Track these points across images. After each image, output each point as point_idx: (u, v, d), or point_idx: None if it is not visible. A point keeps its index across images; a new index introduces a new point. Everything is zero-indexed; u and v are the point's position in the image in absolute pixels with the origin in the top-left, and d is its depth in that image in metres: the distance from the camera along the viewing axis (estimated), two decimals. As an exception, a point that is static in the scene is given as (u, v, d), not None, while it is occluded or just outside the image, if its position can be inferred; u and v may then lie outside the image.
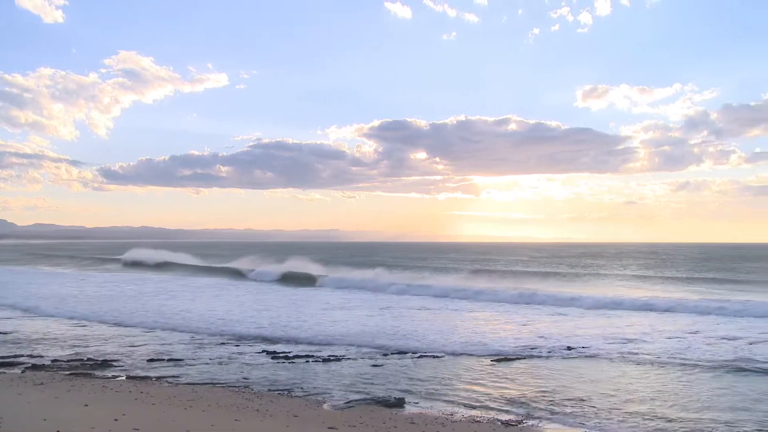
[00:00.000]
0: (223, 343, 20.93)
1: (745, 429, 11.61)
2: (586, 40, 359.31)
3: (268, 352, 19.20)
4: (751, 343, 20.89)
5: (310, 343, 21.04)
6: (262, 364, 17.51)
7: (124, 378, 15.49)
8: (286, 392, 14.40)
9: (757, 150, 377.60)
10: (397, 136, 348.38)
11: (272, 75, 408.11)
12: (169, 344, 20.74)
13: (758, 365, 17.20)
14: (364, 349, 19.85)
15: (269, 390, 14.60)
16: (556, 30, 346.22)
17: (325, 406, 13.10)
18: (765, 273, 63.72)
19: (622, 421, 12.14)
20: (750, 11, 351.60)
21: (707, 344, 20.82)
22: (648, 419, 12.27)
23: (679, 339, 22.06)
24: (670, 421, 12.16)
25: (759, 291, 42.78)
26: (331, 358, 18.43)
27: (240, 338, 22.02)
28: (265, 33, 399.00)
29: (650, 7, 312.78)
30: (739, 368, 16.87)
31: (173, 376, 15.78)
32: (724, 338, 22.07)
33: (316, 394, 14.25)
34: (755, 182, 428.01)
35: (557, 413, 12.72)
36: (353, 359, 18.34)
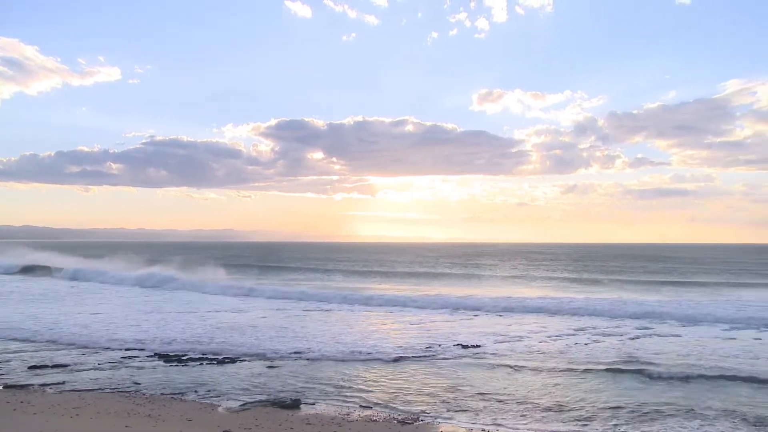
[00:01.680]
0: (110, 348, 20.17)
1: (624, 423, 12.33)
2: (483, 46, 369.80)
3: (160, 355, 18.69)
4: (633, 338, 22.34)
5: (204, 347, 20.60)
6: (154, 368, 17.01)
7: (0, 388, 14.65)
8: (179, 396, 14.07)
9: (639, 156, 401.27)
10: (295, 136, 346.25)
11: (167, 70, 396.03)
12: (55, 350, 19.80)
13: (644, 364, 18.28)
14: (260, 351, 19.63)
15: (162, 394, 14.21)
16: (454, 34, 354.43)
17: (219, 408, 12.90)
18: (641, 273, 67.62)
19: (517, 417, 12.62)
20: (635, 26, 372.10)
21: (594, 342, 22.03)
22: (541, 413, 12.83)
23: (566, 337, 23.17)
24: (560, 412, 12.77)
25: (640, 290, 45.38)
26: (226, 360, 18.15)
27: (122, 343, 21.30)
28: (161, 27, 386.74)
29: (544, 17, 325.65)
30: (625, 363, 17.89)
31: (58, 383, 15.08)
32: (609, 335, 23.38)
33: (211, 396, 14.01)
34: (637, 186, 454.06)
35: (452, 410, 13.06)
36: (248, 361, 18.14)
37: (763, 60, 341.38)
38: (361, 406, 13.34)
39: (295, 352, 19.39)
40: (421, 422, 12.14)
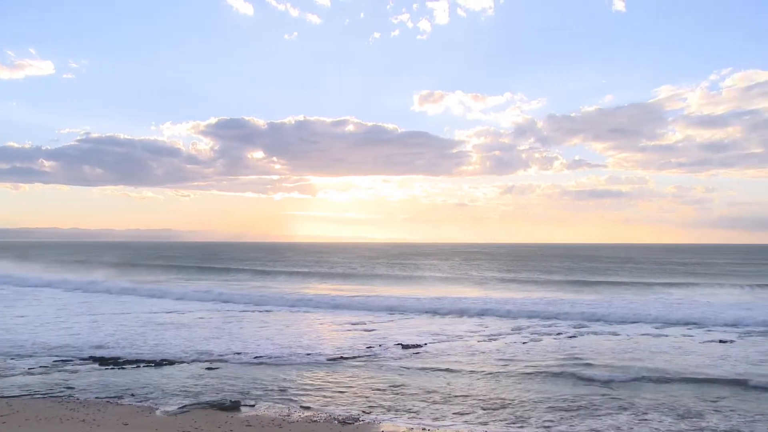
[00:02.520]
0: (37, 353, 19.54)
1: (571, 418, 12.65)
2: (425, 47, 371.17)
3: (95, 359, 18.22)
4: (571, 337, 22.92)
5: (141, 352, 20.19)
6: (89, 372, 16.58)
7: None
8: (115, 399, 13.75)
9: (577, 158, 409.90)
10: (235, 135, 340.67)
11: (104, 66, 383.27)
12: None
13: (581, 362, 18.76)
14: (198, 353, 19.34)
15: (97, 398, 13.86)
16: (396, 35, 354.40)
17: (157, 412, 12.67)
18: (577, 272, 69.28)
19: (457, 416, 12.78)
20: (573, 31, 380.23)
21: (532, 341, 22.53)
22: (480, 411, 13.03)
23: (505, 336, 23.62)
24: (498, 410, 13.00)
25: (576, 290, 46.48)
26: (164, 362, 17.83)
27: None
28: (98, 20, 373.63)
29: (485, 19, 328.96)
30: (562, 361, 18.33)
31: (-15, 389, 14.54)
32: (546, 334, 23.94)
33: (149, 399, 13.73)
34: (574, 187, 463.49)
35: (393, 410, 13.14)
36: (187, 363, 17.85)
37: (692, 68, 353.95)
38: (301, 406, 13.29)
39: (235, 353, 19.19)
40: (361, 422, 12.18)
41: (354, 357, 18.95)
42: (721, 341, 22.09)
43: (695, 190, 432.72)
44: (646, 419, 12.43)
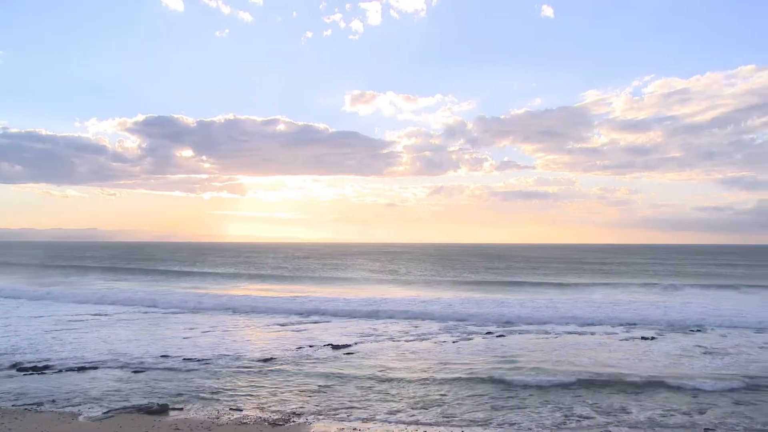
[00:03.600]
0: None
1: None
2: (357, 47, 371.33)
3: (11, 365, 17.48)
4: (499, 336, 23.33)
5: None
6: (5, 379, 15.90)
7: None
8: (34, 407, 13.23)
9: (506, 159, 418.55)
10: (163, 133, 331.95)
11: (25, 58, 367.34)
12: None
13: (509, 361, 19.13)
14: (123, 357, 18.81)
15: (14, 406, 13.31)
16: (328, 35, 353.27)
17: (80, 418, 12.27)
18: (505, 272, 70.65)
19: (387, 414, 12.85)
20: (504, 35, 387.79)
21: (462, 340, 22.89)
22: (411, 409, 13.14)
23: (435, 335, 23.89)
24: (428, 408, 13.14)
25: (504, 289, 47.40)
26: (87, 367, 17.26)
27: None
28: (19, 11, 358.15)
29: (417, 21, 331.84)
30: (491, 360, 18.66)
31: None
32: (476, 333, 24.35)
33: (71, 405, 13.28)
34: (503, 188, 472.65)
35: (324, 410, 13.12)
36: (112, 367, 17.34)
37: (617, 74, 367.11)
38: (231, 408, 13.11)
39: (162, 356, 18.76)
40: (292, 423, 12.12)
41: (284, 358, 18.81)
42: (643, 338, 22.96)
43: (619, 191, 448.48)
44: (571, 414, 12.84)
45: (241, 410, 13.01)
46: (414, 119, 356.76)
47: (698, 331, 24.91)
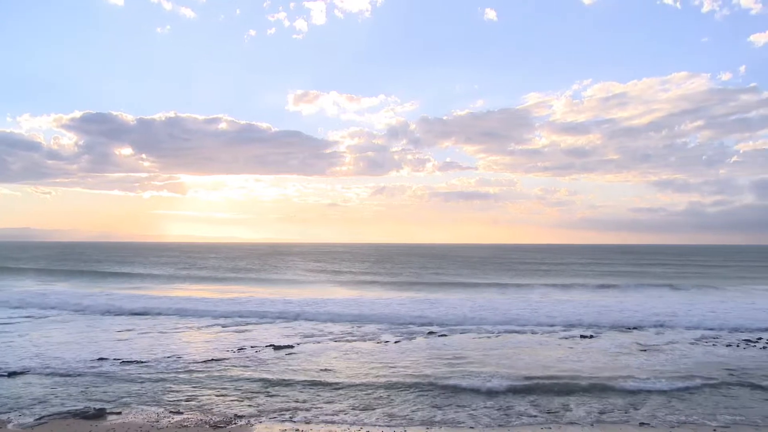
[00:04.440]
0: None
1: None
2: (301, 47, 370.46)
3: (-64, 370, 16.77)
4: (441, 335, 23.53)
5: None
6: (-71, 384, 15.26)
7: None
8: (-39, 413, 12.73)
9: (448, 160, 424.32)
10: (101, 130, 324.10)
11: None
12: None
13: (454, 361, 19.30)
14: (58, 361, 18.24)
15: (-61, 412, 12.78)
16: (272, 34, 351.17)
17: (10, 426, 11.83)
18: (445, 273, 71.27)
19: (331, 415, 12.81)
20: (448, 37, 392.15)
21: (405, 339, 23.01)
22: (353, 410, 13.13)
23: (378, 335, 23.96)
24: (372, 409, 13.15)
25: (444, 289, 47.79)
26: (18, 371, 16.66)
27: None
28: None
29: (362, 21, 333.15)
30: (436, 359, 18.80)
31: None
32: (418, 333, 24.47)
33: (0, 413, 12.81)
34: (445, 189, 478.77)
35: (267, 411, 13.00)
36: (45, 373, 16.75)
37: (558, 77, 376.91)
38: (171, 412, 12.86)
39: (99, 359, 18.27)
40: (234, 425, 11.97)
41: (225, 359, 18.54)
42: (582, 336, 23.50)
43: (559, 192, 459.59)
44: (512, 412, 13.05)
45: (182, 413, 12.78)
46: (357, 119, 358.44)
47: (635, 329, 25.59)
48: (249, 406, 13.42)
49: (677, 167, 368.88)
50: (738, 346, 21.61)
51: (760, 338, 23.27)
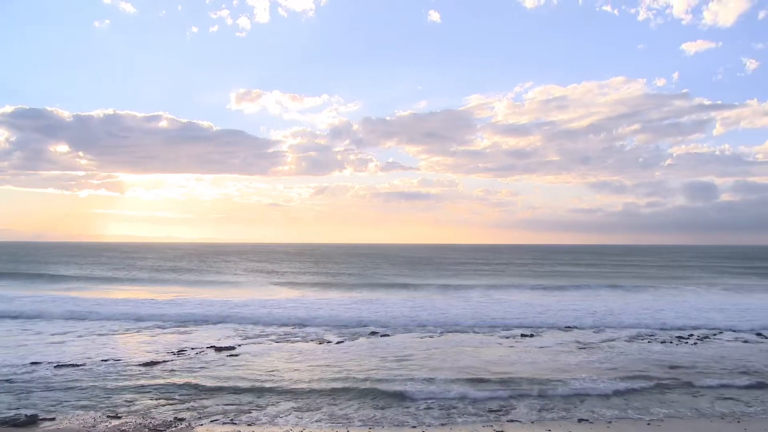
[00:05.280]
0: None
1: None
2: (244, 45, 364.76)
3: None
4: (383, 336, 23.52)
5: None
6: None
7: None
8: None
9: (391, 160, 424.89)
10: (35, 126, 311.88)
11: None
12: None
13: (395, 360, 19.32)
14: (-12, 364, 17.57)
15: None
16: (214, 31, 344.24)
17: (-63, 432, 11.36)
18: (385, 274, 71.44)
19: (274, 417, 12.70)
20: (391, 37, 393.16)
21: (349, 340, 22.96)
22: (296, 412, 13.06)
23: (320, 334, 23.86)
24: (316, 410, 13.10)
25: (383, 290, 47.91)
26: (-55, 377, 16.00)
27: None
28: None
29: (306, 21, 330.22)
30: (376, 362, 18.81)
31: None
32: (359, 335, 24.47)
33: (-74, 419, 12.27)
34: (387, 189, 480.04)
35: (209, 413, 12.80)
36: (-27, 376, 16.15)
37: (500, 79, 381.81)
38: (108, 416, 12.54)
39: (31, 363, 17.67)
40: (174, 428, 11.76)
41: (165, 361, 18.18)
42: (522, 335, 23.92)
43: (500, 193, 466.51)
44: (454, 411, 13.21)
45: (120, 417, 12.47)
46: (300, 119, 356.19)
47: (574, 328, 26.13)
48: (189, 408, 13.19)
49: (615, 169, 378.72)
50: (672, 342, 22.35)
51: (692, 335, 24.11)
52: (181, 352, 19.87)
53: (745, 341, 23.06)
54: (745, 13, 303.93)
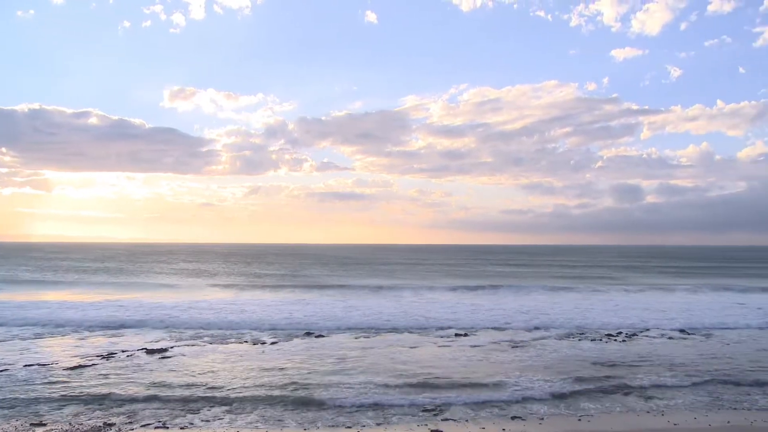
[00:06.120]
0: None
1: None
2: (178, 41, 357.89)
3: None
4: (318, 336, 23.39)
5: None
6: None
7: None
8: None
9: (326, 160, 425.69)
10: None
11: None
12: None
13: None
14: None
15: None
16: (147, 26, 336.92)
17: None
18: (318, 275, 71.21)
19: (212, 419, 12.53)
20: (328, 37, 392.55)
21: (284, 341, 22.73)
22: (227, 414, 12.90)
23: (254, 337, 23.57)
24: (246, 413, 12.92)
25: (314, 291, 47.68)
26: None
27: None
28: None
29: (242, 18, 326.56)
30: (308, 362, 18.71)
31: None
32: (295, 336, 24.32)
33: None
34: (322, 189, 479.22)
35: (140, 418, 12.53)
36: None
37: (435, 81, 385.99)
38: (32, 424, 12.10)
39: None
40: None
41: (95, 365, 17.66)
42: (456, 334, 24.32)
43: (434, 194, 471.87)
44: (389, 411, 13.35)
45: (45, 425, 12.04)
46: (235, 118, 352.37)
47: (507, 327, 26.53)
48: (120, 413, 12.86)
49: (547, 171, 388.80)
50: (601, 340, 23.01)
51: (620, 332, 24.87)
52: (110, 355, 19.33)
53: (670, 338, 23.93)
54: (669, 23, 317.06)
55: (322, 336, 23.81)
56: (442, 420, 12.61)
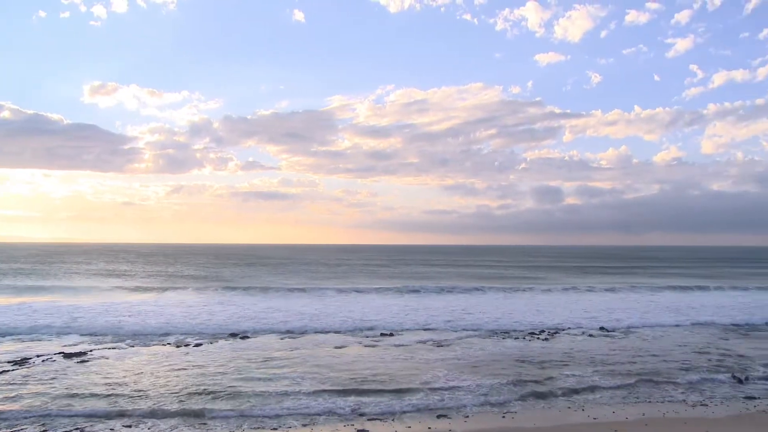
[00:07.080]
0: None
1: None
2: (99, 35, 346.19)
3: None
4: (243, 338, 23.09)
5: None
6: None
7: None
8: None
9: (251, 159, 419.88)
10: None
11: None
12: None
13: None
14: None
15: None
16: (66, 17, 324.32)
17: None
18: (243, 276, 70.30)
19: (127, 427, 12.13)
20: (254, 36, 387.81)
21: (209, 343, 22.22)
22: (153, 418, 12.55)
23: (179, 339, 23.05)
24: (172, 417, 12.60)
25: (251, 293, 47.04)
26: None
27: None
28: None
29: (166, 13, 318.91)
30: (231, 363, 18.43)
31: None
32: (221, 338, 23.87)
33: None
34: (247, 188, 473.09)
35: (53, 426, 12.07)
36: None
37: (362, 81, 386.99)
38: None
39: None
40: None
41: (6, 372, 16.85)
42: (382, 334, 24.56)
43: (360, 194, 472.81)
44: (316, 410, 13.20)
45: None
46: (158, 115, 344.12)
47: (432, 327, 26.85)
48: (35, 422, 12.37)
49: (472, 172, 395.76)
50: (525, 339, 23.55)
51: (543, 331, 25.61)
52: (24, 360, 18.50)
53: (591, 335, 24.72)
54: (590, 31, 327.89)
55: (248, 337, 23.52)
56: (367, 420, 12.66)
